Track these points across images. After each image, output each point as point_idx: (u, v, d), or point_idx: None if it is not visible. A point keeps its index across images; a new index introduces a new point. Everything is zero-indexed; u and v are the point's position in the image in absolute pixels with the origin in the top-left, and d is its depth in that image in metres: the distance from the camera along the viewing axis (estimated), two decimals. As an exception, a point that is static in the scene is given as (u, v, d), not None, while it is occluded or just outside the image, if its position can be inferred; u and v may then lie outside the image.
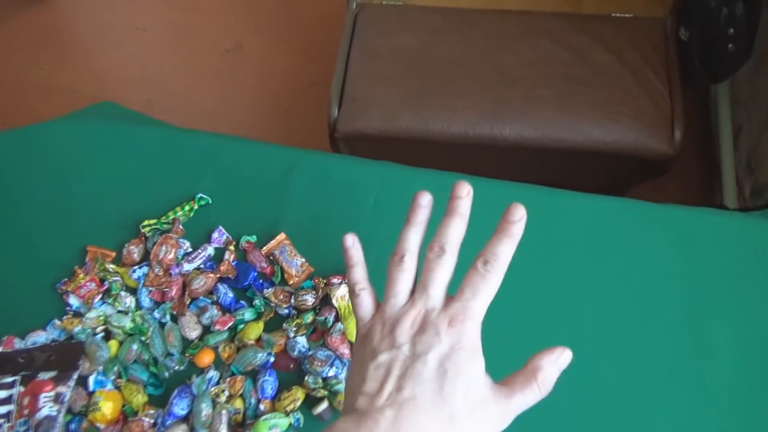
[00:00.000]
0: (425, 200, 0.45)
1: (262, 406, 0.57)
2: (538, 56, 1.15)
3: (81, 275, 0.64)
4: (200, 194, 0.68)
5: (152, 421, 0.56)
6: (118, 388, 0.59)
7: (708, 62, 1.15)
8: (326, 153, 0.72)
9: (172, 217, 0.66)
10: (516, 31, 1.17)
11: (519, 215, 0.41)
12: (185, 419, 0.57)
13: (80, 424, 0.57)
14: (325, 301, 0.62)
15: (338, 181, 0.69)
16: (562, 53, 1.15)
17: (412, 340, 0.39)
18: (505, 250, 0.40)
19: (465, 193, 0.43)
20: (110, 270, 0.64)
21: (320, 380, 0.57)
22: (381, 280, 0.44)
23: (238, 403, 0.57)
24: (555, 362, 0.40)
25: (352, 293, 0.45)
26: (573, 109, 1.09)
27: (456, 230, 0.42)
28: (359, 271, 0.46)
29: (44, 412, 0.56)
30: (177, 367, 0.59)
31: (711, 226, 0.64)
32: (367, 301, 0.45)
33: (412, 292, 0.42)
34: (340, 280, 0.62)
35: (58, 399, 0.57)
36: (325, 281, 0.62)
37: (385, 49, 1.18)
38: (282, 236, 0.66)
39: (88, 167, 0.72)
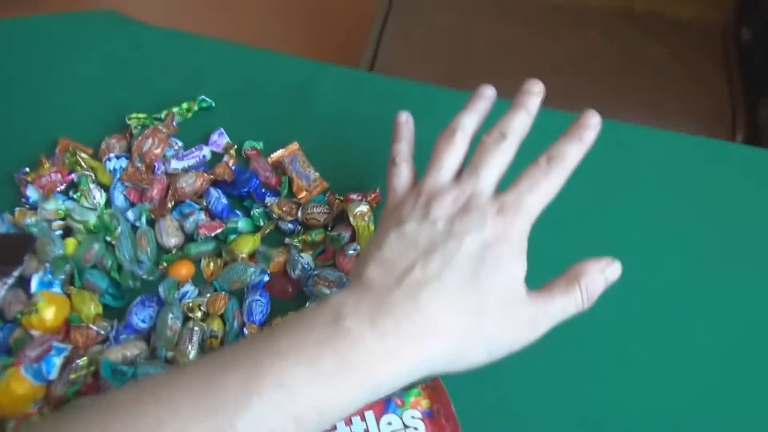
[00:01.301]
0: (489, 92, 0.41)
1: (246, 331, 0.44)
2: (585, 49, 1.07)
3: (46, 165, 0.53)
4: (203, 96, 0.57)
5: (103, 332, 0.43)
6: (67, 295, 0.46)
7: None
8: (353, 69, 0.62)
9: (165, 112, 0.55)
10: (564, 19, 1.09)
11: (594, 121, 0.36)
12: (146, 335, 0.44)
13: (10, 332, 0.44)
14: (340, 220, 0.50)
15: (365, 98, 0.58)
16: (612, 47, 1.06)
17: (450, 218, 0.33)
18: (572, 151, 0.35)
19: (537, 89, 0.39)
20: (82, 161, 0.52)
21: (325, 306, 0.44)
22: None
23: (217, 325, 0.44)
24: (602, 270, 0.34)
25: (392, 163, 0.39)
26: (621, 106, 0.99)
27: (520, 122, 0.37)
28: (405, 146, 0.40)
29: (-33, 308, 0.44)
30: (146, 277, 0.47)
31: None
32: (405, 173, 0.39)
33: (459, 174, 0.37)
34: (360, 197, 0.50)
35: (-12, 294, 0.45)
36: (341, 197, 0.50)
37: (422, 27, 1.10)
38: (295, 146, 0.54)
39: (80, 61, 0.62)
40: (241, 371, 0.28)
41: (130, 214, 0.50)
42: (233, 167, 0.52)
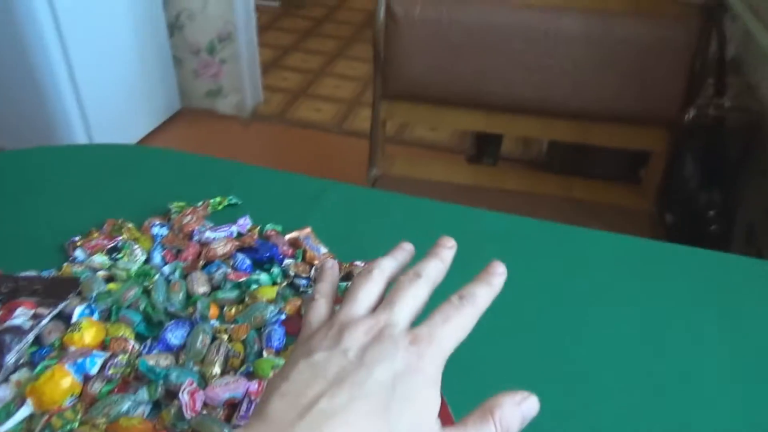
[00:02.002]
0: (409, 246, 0.41)
1: (265, 354, 0.50)
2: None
3: (95, 234, 0.62)
4: (231, 196, 0.70)
5: (138, 346, 0.48)
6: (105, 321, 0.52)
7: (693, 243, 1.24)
8: (354, 186, 0.76)
9: (201, 203, 0.67)
10: (516, 202, 1.29)
11: (501, 269, 0.38)
12: (174, 352, 0.49)
13: (47, 354, 0.49)
14: (347, 278, 0.58)
15: (367, 207, 0.71)
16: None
17: (362, 348, 0.32)
18: (483, 294, 0.36)
19: (450, 244, 0.40)
20: (127, 231, 0.62)
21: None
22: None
23: (239, 347, 0.50)
24: (518, 404, 0.32)
25: (310, 299, 0.38)
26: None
27: (434, 267, 0.37)
28: (327, 286, 0.39)
29: (15, 321, 0.49)
30: (176, 311, 0.53)
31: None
32: (322, 308, 0.37)
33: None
34: (364, 264, 0.60)
35: (35, 317, 0.50)
36: (348, 264, 0.60)
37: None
38: (308, 229, 0.65)
39: (137, 175, 0.75)
40: None
41: (167, 269, 0.58)
42: (256, 240, 0.62)
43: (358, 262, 0.60)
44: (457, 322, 0.34)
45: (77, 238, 0.61)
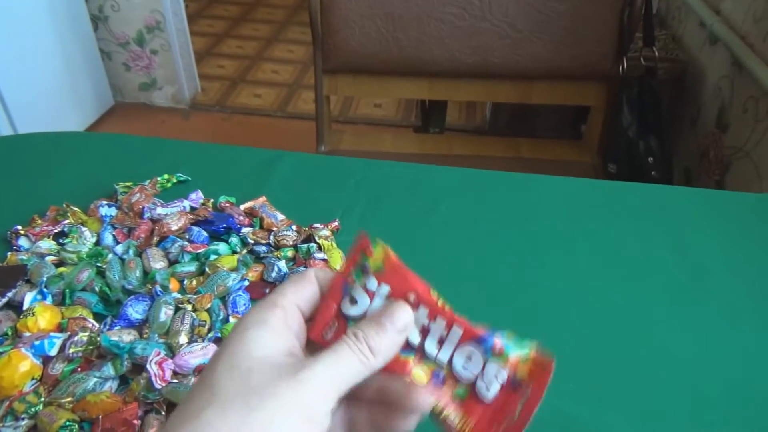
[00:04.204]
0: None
1: (232, 320, 0.49)
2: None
3: (38, 221, 0.59)
4: (179, 173, 0.68)
5: (97, 324, 0.47)
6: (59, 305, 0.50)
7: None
8: (306, 153, 0.75)
9: (149, 180, 0.65)
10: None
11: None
12: (137, 326, 0.48)
13: (3, 341, 0.46)
14: (307, 241, 0.58)
15: (320, 172, 0.71)
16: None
17: None
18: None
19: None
20: (72, 215, 0.59)
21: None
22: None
23: (204, 316, 0.49)
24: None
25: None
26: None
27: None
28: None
29: (-38, 314, 0.46)
30: (134, 288, 0.51)
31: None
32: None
33: None
34: (323, 226, 0.59)
35: (-18, 308, 0.48)
36: (307, 228, 0.60)
37: None
38: (263, 198, 0.64)
39: (84, 153, 0.71)
40: None
41: (119, 248, 0.56)
42: (211, 212, 0.61)
43: (317, 225, 0.59)
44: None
45: (19, 227, 0.58)
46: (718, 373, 0.49)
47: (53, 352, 0.44)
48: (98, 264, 0.53)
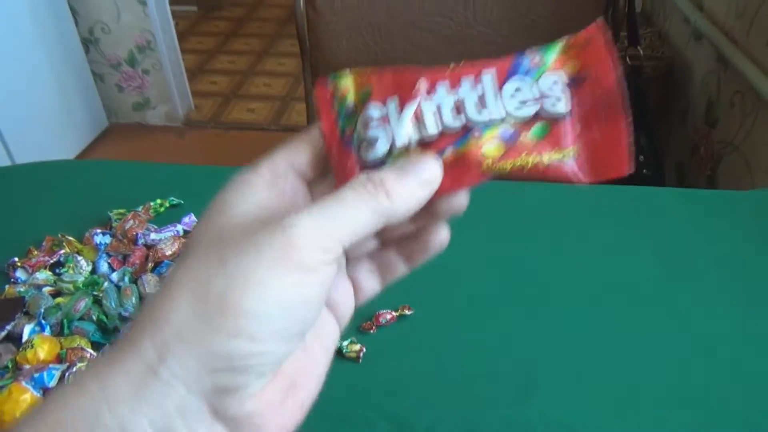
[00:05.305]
0: None
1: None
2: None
3: (35, 252, 0.60)
4: (172, 197, 0.69)
5: (95, 353, 0.48)
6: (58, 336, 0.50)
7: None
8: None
9: (142, 206, 0.66)
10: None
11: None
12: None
13: (4, 374, 0.47)
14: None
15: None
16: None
17: None
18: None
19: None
20: (68, 245, 0.60)
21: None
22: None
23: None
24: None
25: None
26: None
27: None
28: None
29: (-38, 350, 0.47)
30: (132, 316, 0.52)
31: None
32: None
33: None
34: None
35: (-18, 343, 0.49)
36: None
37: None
38: (254, 219, 0.65)
39: (78, 180, 0.72)
40: None
41: (115, 276, 0.57)
42: (204, 236, 0.62)
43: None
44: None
45: (16, 259, 0.59)
46: (713, 375, 0.49)
47: (53, 383, 0.45)
48: (94, 293, 0.54)
